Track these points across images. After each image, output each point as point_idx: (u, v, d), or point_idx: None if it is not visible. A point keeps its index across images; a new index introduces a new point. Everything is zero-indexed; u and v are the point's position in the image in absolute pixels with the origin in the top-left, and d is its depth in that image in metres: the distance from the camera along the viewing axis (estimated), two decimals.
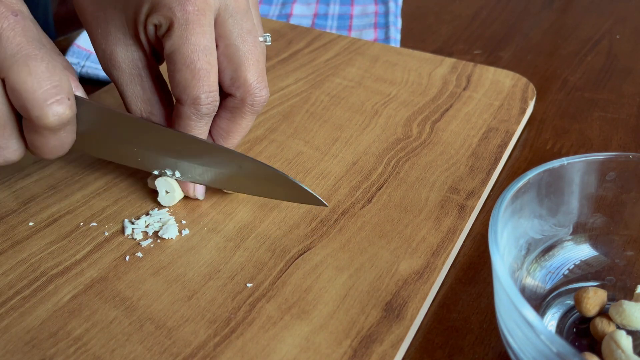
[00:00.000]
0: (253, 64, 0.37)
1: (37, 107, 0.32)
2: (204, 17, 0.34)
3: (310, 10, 0.74)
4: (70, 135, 0.35)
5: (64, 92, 0.32)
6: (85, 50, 0.59)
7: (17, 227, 0.39)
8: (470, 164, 0.44)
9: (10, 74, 0.31)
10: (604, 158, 0.34)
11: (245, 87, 0.37)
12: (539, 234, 0.34)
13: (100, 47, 0.37)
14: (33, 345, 0.31)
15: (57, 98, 0.32)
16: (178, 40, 0.34)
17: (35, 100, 0.31)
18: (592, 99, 0.55)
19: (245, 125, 0.39)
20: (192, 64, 0.35)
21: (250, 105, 0.38)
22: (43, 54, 0.32)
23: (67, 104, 0.32)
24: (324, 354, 0.31)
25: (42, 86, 0.31)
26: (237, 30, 0.36)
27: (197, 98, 0.35)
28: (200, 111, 0.36)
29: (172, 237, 0.38)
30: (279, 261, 0.36)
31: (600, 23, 0.69)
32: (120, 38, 0.36)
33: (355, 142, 0.46)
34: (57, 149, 0.35)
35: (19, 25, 0.32)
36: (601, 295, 0.32)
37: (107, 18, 0.36)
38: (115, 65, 0.37)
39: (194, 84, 0.35)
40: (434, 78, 0.55)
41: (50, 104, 0.32)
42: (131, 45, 0.37)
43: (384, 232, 0.38)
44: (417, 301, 0.34)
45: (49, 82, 0.32)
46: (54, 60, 0.33)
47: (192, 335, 0.32)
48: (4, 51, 0.31)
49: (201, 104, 0.36)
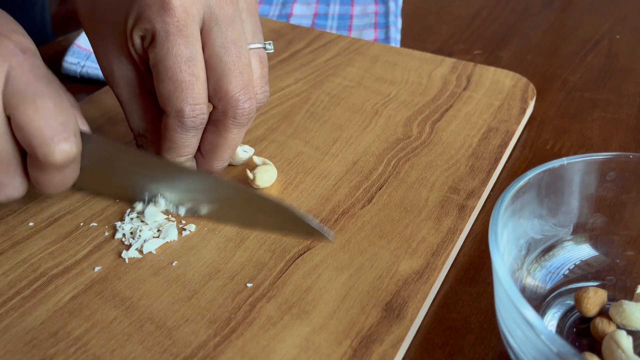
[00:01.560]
0: (236, 76, 0.35)
1: (44, 145, 0.32)
2: (185, 28, 0.33)
3: (310, 10, 0.74)
4: (74, 171, 0.35)
5: (70, 129, 0.32)
6: (86, 50, 0.59)
7: (17, 227, 0.39)
8: (470, 164, 0.44)
9: (17, 111, 0.31)
10: (604, 158, 0.34)
11: (227, 99, 0.35)
12: (539, 234, 0.34)
13: (101, 64, 0.37)
14: (33, 346, 0.31)
15: (64, 136, 0.32)
16: (160, 51, 0.34)
17: (42, 138, 0.31)
18: (592, 99, 0.55)
19: (231, 138, 0.37)
20: (174, 75, 0.34)
21: (233, 118, 0.36)
22: (50, 91, 0.32)
23: (73, 141, 0.33)
24: (324, 354, 0.31)
25: (50, 124, 0.32)
26: (220, 39, 0.35)
27: (180, 110, 0.34)
28: (184, 124, 0.35)
29: (174, 239, 0.38)
30: (279, 261, 0.36)
31: (600, 23, 0.69)
32: (116, 55, 0.36)
33: (355, 142, 0.47)
34: (61, 185, 0.35)
35: (28, 63, 0.32)
36: (601, 295, 0.32)
37: (104, 35, 0.36)
38: (114, 82, 0.37)
39: (176, 95, 0.34)
40: (434, 78, 0.55)
41: (58, 142, 0.32)
42: (126, 63, 0.36)
43: (384, 232, 0.38)
44: (417, 301, 0.34)
45: (56, 120, 0.32)
46: (61, 98, 0.33)
47: (192, 335, 0.32)
48: (11, 89, 0.31)
49: (185, 117, 0.34)
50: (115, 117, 0.49)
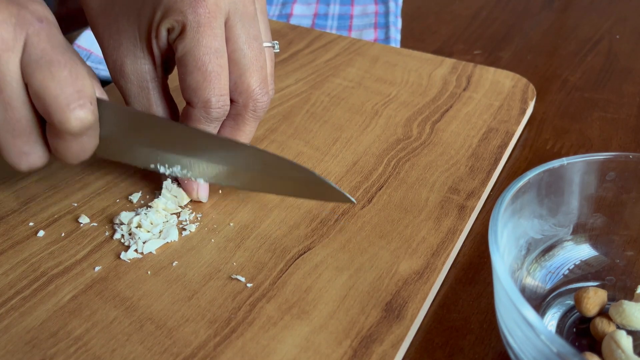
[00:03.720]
0: (257, 70, 0.37)
1: (60, 112, 0.32)
2: (215, 20, 0.34)
3: (311, 10, 0.74)
4: (92, 139, 0.35)
5: (86, 96, 0.33)
6: (86, 50, 0.59)
7: (17, 227, 0.39)
8: (470, 164, 0.44)
9: (33, 79, 0.32)
10: (604, 158, 0.34)
11: (248, 92, 0.37)
12: (539, 234, 0.34)
13: (111, 58, 0.37)
14: (33, 345, 0.31)
15: (80, 103, 0.32)
16: (190, 42, 0.34)
17: (58, 104, 0.32)
18: (592, 99, 0.55)
19: (248, 131, 0.39)
20: (203, 66, 0.35)
21: (252, 111, 0.38)
22: (66, 59, 0.33)
23: (89, 108, 0.33)
24: (324, 354, 0.31)
25: (65, 91, 0.32)
26: (244, 35, 0.36)
27: (207, 101, 0.35)
28: (210, 114, 0.36)
29: (174, 240, 0.38)
30: (279, 261, 0.36)
31: (600, 23, 0.69)
32: (131, 49, 0.37)
33: (355, 142, 0.47)
34: (80, 153, 0.35)
35: (44, 32, 0.33)
36: (601, 295, 0.32)
37: (120, 29, 0.37)
38: (124, 76, 0.37)
39: (204, 86, 0.35)
40: (434, 78, 0.55)
41: (73, 109, 0.32)
42: (141, 57, 0.37)
43: (384, 233, 0.38)
44: (417, 301, 0.34)
45: (72, 87, 0.32)
46: (77, 66, 0.33)
47: (192, 335, 0.32)
48: (28, 56, 0.32)
49: (212, 107, 0.36)
50: None
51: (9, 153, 0.34)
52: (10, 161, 0.35)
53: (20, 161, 0.35)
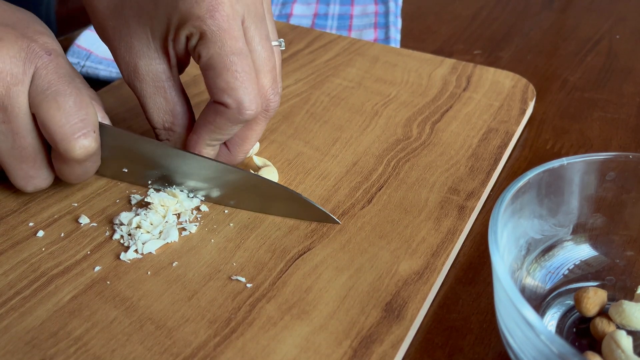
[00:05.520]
0: (269, 71, 0.38)
1: (65, 141, 0.34)
2: (234, 23, 0.35)
3: (310, 10, 0.74)
4: (95, 163, 0.38)
5: (90, 125, 0.35)
6: (86, 50, 0.59)
7: (17, 227, 0.39)
8: (470, 164, 0.44)
9: (40, 109, 0.34)
10: (604, 158, 0.34)
11: (262, 93, 0.37)
12: (539, 234, 0.34)
13: (123, 60, 0.38)
14: (33, 345, 0.31)
15: (84, 132, 0.34)
16: (214, 46, 0.35)
17: (64, 134, 0.34)
18: (592, 99, 0.55)
19: (259, 130, 0.40)
20: (232, 66, 0.35)
21: (265, 111, 0.39)
22: (72, 89, 0.34)
23: (92, 137, 0.35)
24: (324, 354, 0.31)
25: (70, 121, 0.34)
26: (258, 36, 0.37)
27: (241, 102, 0.35)
28: (244, 115, 0.36)
29: (174, 240, 0.38)
30: (279, 261, 0.36)
31: (600, 23, 0.69)
32: (144, 51, 0.37)
33: (355, 142, 0.47)
34: (83, 175, 0.38)
35: (52, 64, 0.35)
36: (601, 295, 0.32)
37: (131, 32, 0.37)
38: (138, 77, 0.38)
39: (237, 86, 0.35)
40: (434, 79, 0.55)
41: (77, 138, 0.34)
42: (156, 58, 0.37)
43: (384, 233, 0.38)
44: (417, 301, 0.34)
45: (76, 116, 0.34)
46: (82, 95, 0.35)
47: (192, 336, 0.32)
48: (36, 88, 0.34)
49: (245, 109, 0.36)
50: None
51: (15, 177, 0.37)
52: (17, 184, 0.37)
53: (27, 184, 0.37)
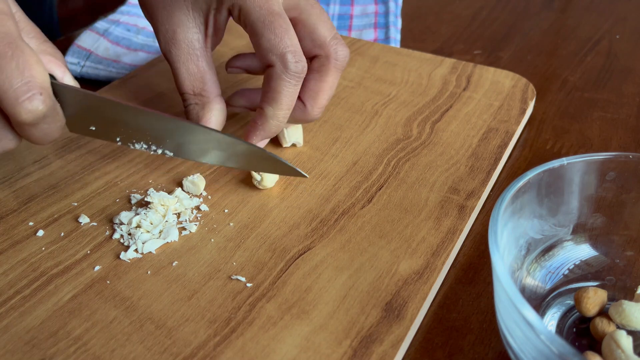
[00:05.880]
0: (327, 23, 0.41)
1: (10, 105, 0.32)
2: None
3: None
4: (52, 124, 0.35)
5: (35, 87, 0.32)
6: (86, 50, 0.59)
7: (17, 227, 0.39)
8: (470, 164, 0.44)
9: None
10: (604, 158, 0.34)
11: (327, 44, 0.40)
12: (539, 234, 0.34)
13: (163, 27, 0.41)
14: (33, 345, 0.31)
15: (28, 95, 0.32)
16: (256, 12, 0.38)
17: (8, 99, 0.32)
18: (592, 99, 0.55)
19: (332, 82, 0.42)
20: (271, 25, 0.38)
21: (335, 60, 0.41)
22: (13, 50, 0.32)
23: (39, 99, 0.33)
24: (324, 354, 0.31)
25: (13, 84, 0.32)
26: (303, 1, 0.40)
27: (283, 55, 0.38)
28: (289, 69, 0.38)
29: (174, 240, 0.38)
30: (279, 261, 0.36)
31: (600, 23, 0.69)
32: (183, 20, 0.40)
33: (355, 142, 0.47)
34: (46, 136, 0.36)
35: None
36: (601, 295, 0.32)
37: (173, 2, 0.40)
38: (175, 42, 0.41)
39: (277, 42, 0.38)
40: (434, 78, 0.55)
41: (22, 102, 0.32)
42: (193, 27, 0.41)
43: (384, 233, 0.38)
44: (417, 301, 0.34)
45: (19, 79, 0.32)
46: (26, 56, 0.32)
47: (192, 335, 0.32)
48: None
49: (289, 62, 0.38)
50: None
51: None
52: None
53: None
